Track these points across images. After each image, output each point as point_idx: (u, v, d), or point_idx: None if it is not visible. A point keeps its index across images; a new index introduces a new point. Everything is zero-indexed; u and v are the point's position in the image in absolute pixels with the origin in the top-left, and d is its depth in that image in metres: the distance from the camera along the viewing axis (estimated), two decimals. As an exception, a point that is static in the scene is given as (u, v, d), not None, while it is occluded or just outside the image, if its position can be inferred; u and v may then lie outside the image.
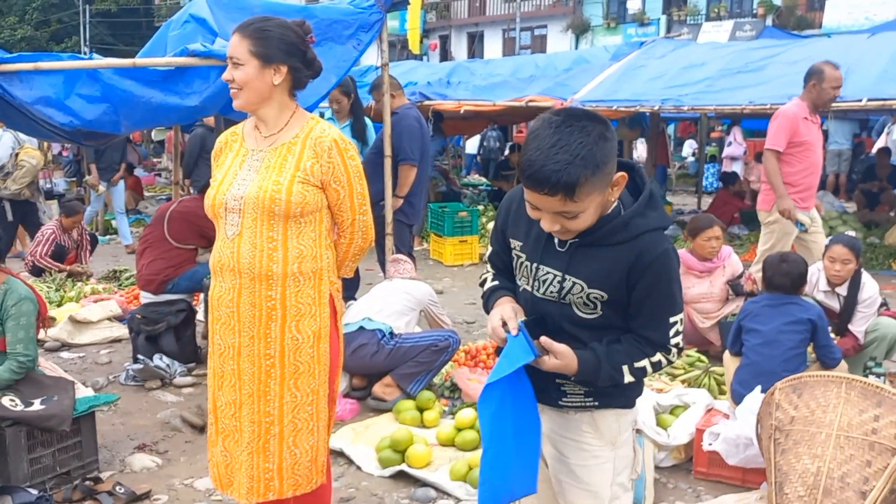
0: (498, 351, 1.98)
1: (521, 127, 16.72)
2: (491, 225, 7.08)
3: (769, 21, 26.12)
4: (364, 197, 2.60)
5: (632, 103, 9.06)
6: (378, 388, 4.37)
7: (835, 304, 4.52)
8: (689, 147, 22.30)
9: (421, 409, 4.18)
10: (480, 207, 10.48)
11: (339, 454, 3.75)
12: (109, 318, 5.91)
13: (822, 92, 5.27)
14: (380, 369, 4.37)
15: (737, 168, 15.38)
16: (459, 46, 34.07)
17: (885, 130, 14.11)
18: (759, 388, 3.34)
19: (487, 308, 2.06)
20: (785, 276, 3.73)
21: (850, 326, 4.44)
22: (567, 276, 1.88)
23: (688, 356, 4.67)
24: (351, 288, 5.54)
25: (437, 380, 4.58)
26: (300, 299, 2.49)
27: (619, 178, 1.78)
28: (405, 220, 5.78)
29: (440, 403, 4.31)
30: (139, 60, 4.68)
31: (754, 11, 28.09)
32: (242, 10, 4.92)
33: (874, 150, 13.51)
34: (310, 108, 3.60)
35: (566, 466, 2.01)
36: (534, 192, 1.73)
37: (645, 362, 1.88)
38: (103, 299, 6.22)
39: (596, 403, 1.97)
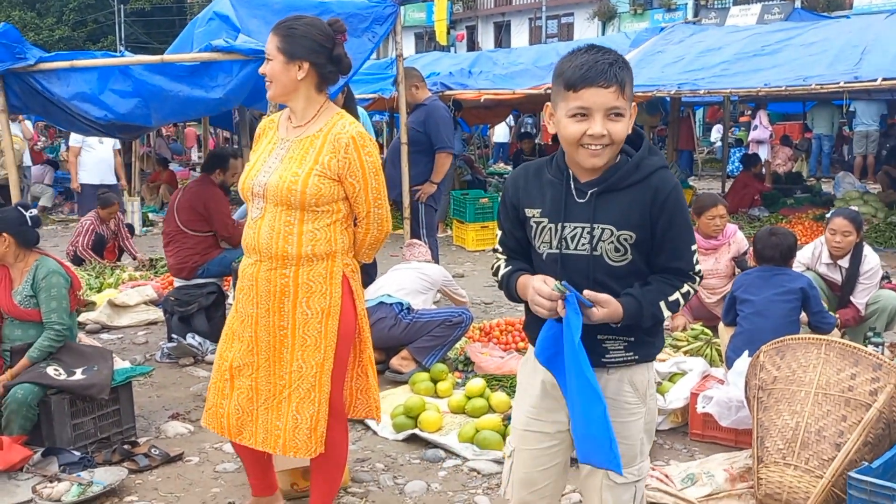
0: (528, 328, 2.18)
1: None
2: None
3: (798, 3, 25.81)
4: (379, 191, 2.76)
5: (649, 88, 9.18)
6: (395, 361, 4.63)
7: (837, 277, 4.67)
8: (716, 132, 22.21)
9: (435, 381, 4.42)
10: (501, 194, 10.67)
11: (358, 421, 4.01)
12: (146, 303, 6.26)
13: None
14: (397, 342, 4.63)
15: (762, 152, 15.38)
16: (487, 36, 34.16)
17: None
18: (746, 352, 3.52)
19: (510, 291, 2.19)
20: (774, 248, 3.90)
21: (851, 298, 4.58)
22: (595, 225, 2.02)
23: (692, 329, 4.84)
24: (371, 274, 5.84)
25: (451, 354, 4.83)
26: (311, 277, 2.69)
27: (633, 109, 2.01)
28: (434, 204, 6.05)
29: (453, 376, 4.55)
30: (167, 57, 4.99)
31: (784, -7, 27.72)
32: (263, 7, 5.21)
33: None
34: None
35: None
36: (588, 90, 1.91)
37: (676, 294, 2.03)
38: (140, 285, 6.56)
39: (636, 357, 2.11)
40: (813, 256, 4.77)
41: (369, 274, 5.78)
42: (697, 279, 2.07)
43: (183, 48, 5.59)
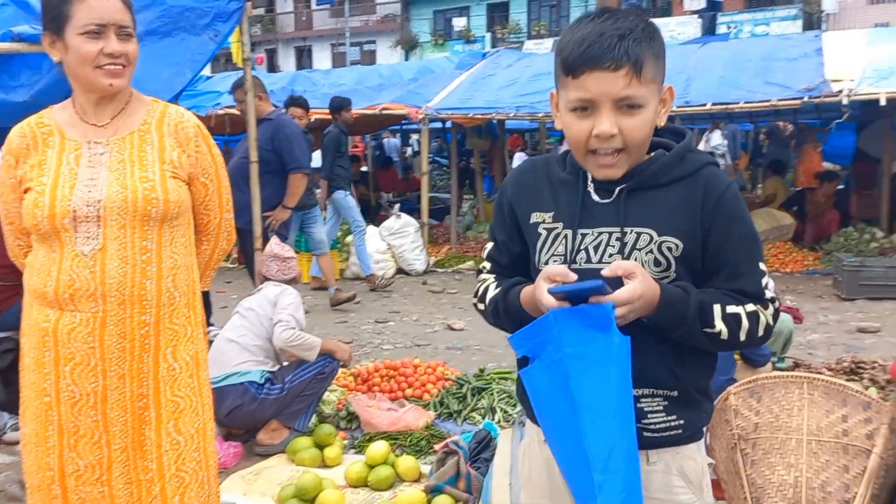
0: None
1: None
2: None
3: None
4: (230, 192, 2.30)
5: (487, 111, 8.96)
6: (263, 436, 3.72)
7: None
8: (518, 159, 22.87)
9: (320, 446, 3.63)
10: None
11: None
12: None
13: None
14: (269, 419, 3.74)
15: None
16: (287, 59, 33.23)
17: (704, 138, 15.05)
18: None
19: (509, 312, 1.59)
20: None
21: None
22: (628, 229, 1.49)
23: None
24: (206, 310, 4.89)
25: (328, 409, 4.06)
26: (175, 321, 2.09)
27: (668, 92, 1.50)
28: (286, 232, 5.26)
29: (341, 438, 3.79)
30: (-57, 47, 3.81)
31: (572, 29, 29.56)
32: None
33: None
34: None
35: None
36: (590, 73, 1.40)
37: (739, 309, 1.48)
38: None
39: (682, 429, 1.54)
40: None
41: (205, 306, 4.85)
42: (771, 306, 1.50)
43: (-39, 40, 4.37)
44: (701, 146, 14.88)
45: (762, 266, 1.51)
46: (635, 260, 1.47)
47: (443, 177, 16.63)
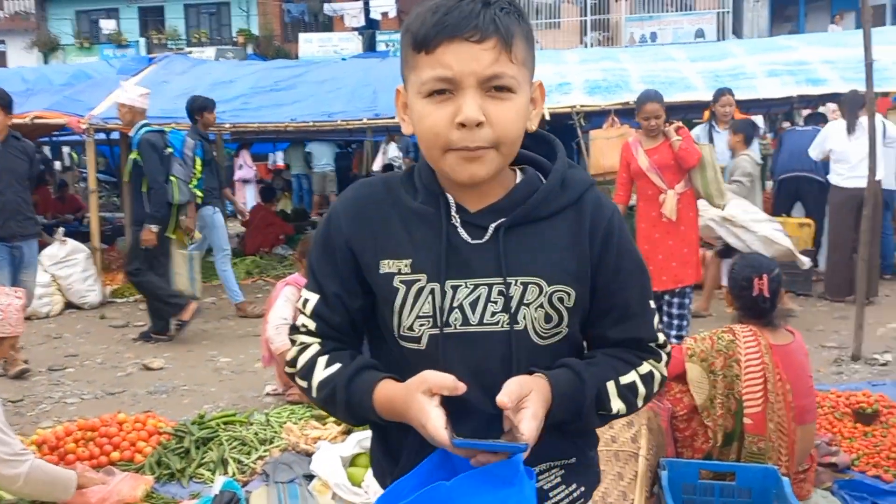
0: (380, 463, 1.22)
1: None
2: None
3: (250, 49, 27.00)
4: None
5: (166, 119, 8.11)
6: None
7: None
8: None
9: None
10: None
11: None
12: None
13: None
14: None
15: (249, 192, 15.36)
16: None
17: (381, 150, 15.44)
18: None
19: (353, 410, 1.25)
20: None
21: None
22: (512, 279, 1.22)
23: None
24: None
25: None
26: None
27: (539, 89, 1.26)
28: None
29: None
30: None
31: (234, 39, 28.81)
32: None
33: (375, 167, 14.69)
34: None
35: None
36: (449, 45, 1.13)
37: (633, 376, 1.28)
38: None
39: (582, 489, 1.32)
40: None
41: None
42: (664, 356, 1.35)
43: None
44: (378, 158, 15.32)
45: (652, 304, 1.34)
46: (523, 318, 1.22)
47: (103, 194, 14.94)
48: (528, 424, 1.11)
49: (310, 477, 3.20)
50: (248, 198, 15.59)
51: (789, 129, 8.67)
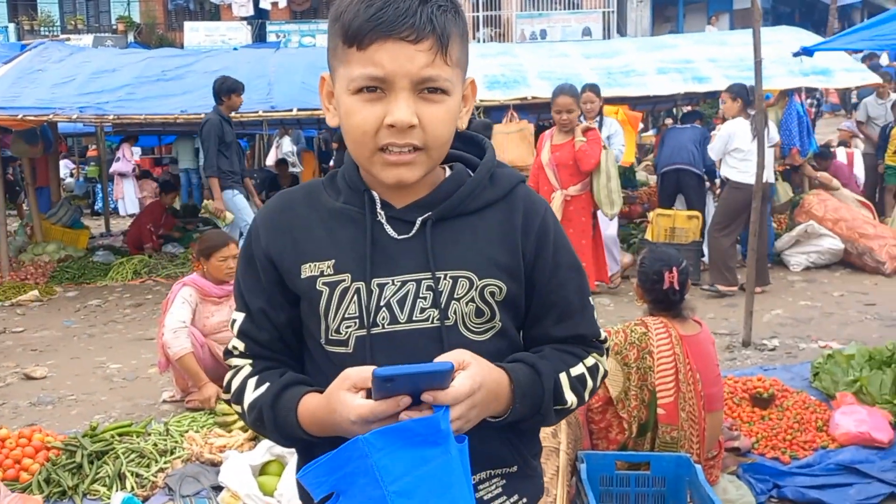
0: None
1: None
2: None
3: (131, 37, 25.84)
4: None
5: (43, 111, 7.60)
6: None
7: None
8: (65, 167, 20.30)
9: None
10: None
11: None
12: None
13: None
14: None
15: (128, 187, 14.65)
16: None
17: (275, 144, 15.01)
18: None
19: (280, 428, 1.18)
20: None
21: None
22: (441, 273, 1.18)
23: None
24: None
25: None
26: None
27: (471, 87, 1.24)
28: None
29: None
30: None
31: (114, 27, 27.53)
32: None
33: (269, 162, 14.29)
34: None
35: None
36: (383, 44, 1.09)
37: (581, 368, 1.26)
38: None
39: (524, 500, 1.27)
40: None
41: None
42: (605, 350, 1.33)
43: None
44: (272, 153, 14.89)
45: (591, 300, 1.32)
46: (454, 313, 1.18)
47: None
48: (461, 381, 1.06)
49: (218, 488, 3.04)
50: (126, 192, 14.89)
51: (671, 126, 9.00)
